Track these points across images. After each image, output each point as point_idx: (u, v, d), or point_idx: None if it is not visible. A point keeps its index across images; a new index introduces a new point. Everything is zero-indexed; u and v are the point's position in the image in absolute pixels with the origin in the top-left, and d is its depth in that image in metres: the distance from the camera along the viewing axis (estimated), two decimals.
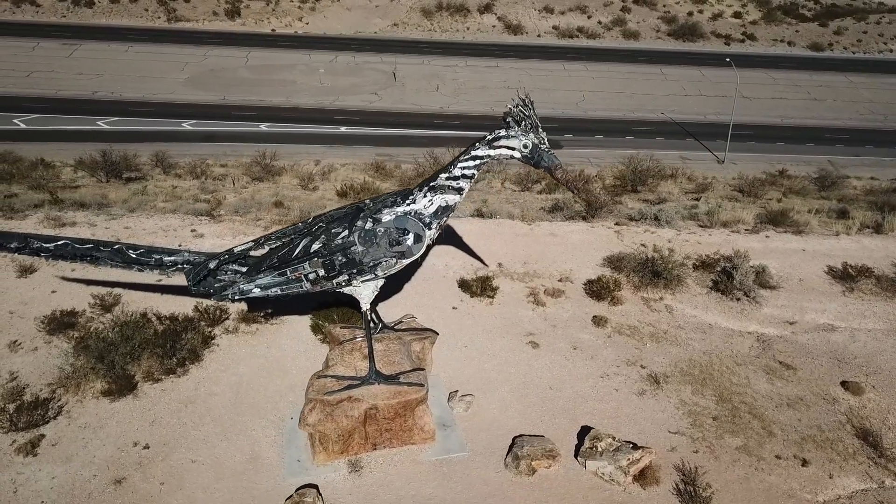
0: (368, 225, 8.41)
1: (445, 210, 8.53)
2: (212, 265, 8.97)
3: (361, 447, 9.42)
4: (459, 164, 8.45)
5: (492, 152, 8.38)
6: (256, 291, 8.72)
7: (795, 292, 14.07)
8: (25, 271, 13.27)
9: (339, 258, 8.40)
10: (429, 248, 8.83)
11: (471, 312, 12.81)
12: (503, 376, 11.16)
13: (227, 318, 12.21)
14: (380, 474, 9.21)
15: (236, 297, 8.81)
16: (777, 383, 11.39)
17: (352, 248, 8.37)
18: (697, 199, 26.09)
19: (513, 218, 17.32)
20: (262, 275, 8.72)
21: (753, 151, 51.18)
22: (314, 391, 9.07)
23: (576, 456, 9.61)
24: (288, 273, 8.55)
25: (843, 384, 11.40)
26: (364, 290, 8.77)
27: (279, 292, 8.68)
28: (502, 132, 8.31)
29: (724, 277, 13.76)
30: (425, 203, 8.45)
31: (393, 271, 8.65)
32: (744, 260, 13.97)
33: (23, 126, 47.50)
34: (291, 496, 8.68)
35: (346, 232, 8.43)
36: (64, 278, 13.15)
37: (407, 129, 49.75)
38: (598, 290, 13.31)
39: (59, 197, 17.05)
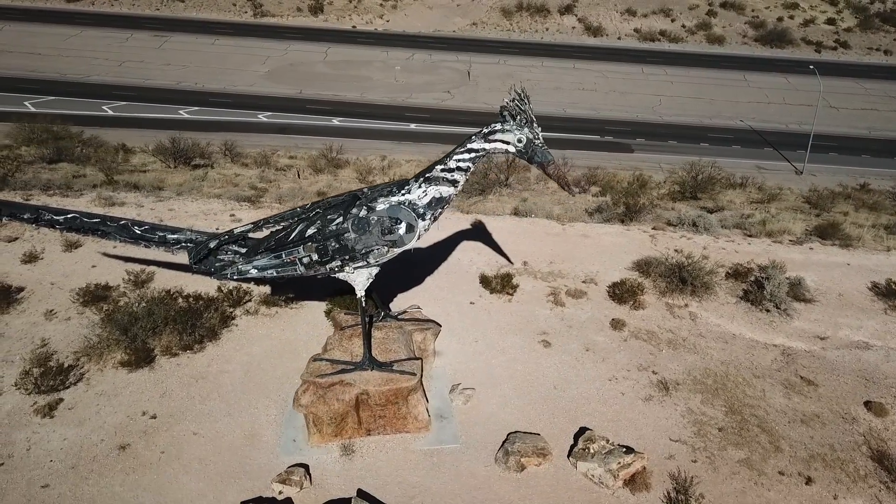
0: (363, 213, 8.57)
1: (440, 202, 8.61)
2: (212, 245, 9.33)
3: (355, 432, 9.60)
4: (455, 157, 8.53)
5: (487, 146, 8.43)
6: (253, 272, 9.02)
7: (832, 307, 13.51)
8: (71, 246, 14.02)
9: (333, 244, 8.60)
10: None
11: (488, 308, 12.83)
12: (508, 373, 11.15)
13: (249, 301, 12.61)
14: (370, 459, 9.36)
15: (234, 277, 9.13)
16: (794, 398, 10.98)
17: (345, 235, 8.55)
18: (762, 210, 25.29)
19: (552, 218, 17.21)
20: (259, 256, 9.01)
21: (835, 163, 49.04)
22: (308, 373, 9.31)
23: (569, 456, 9.53)
24: (283, 256, 8.82)
25: (867, 404, 10.91)
26: (358, 278, 8.94)
27: (275, 274, 8.96)
28: (498, 126, 8.35)
29: (756, 288, 13.34)
30: (419, 193, 8.55)
31: (384, 260, 8.79)
32: (778, 271, 13.50)
33: (110, 113, 49.89)
34: (280, 473, 8.95)
35: (341, 219, 8.62)
36: (105, 254, 13.83)
37: (476, 128, 49.77)
38: (620, 293, 13.12)
39: (113, 178, 17.94)
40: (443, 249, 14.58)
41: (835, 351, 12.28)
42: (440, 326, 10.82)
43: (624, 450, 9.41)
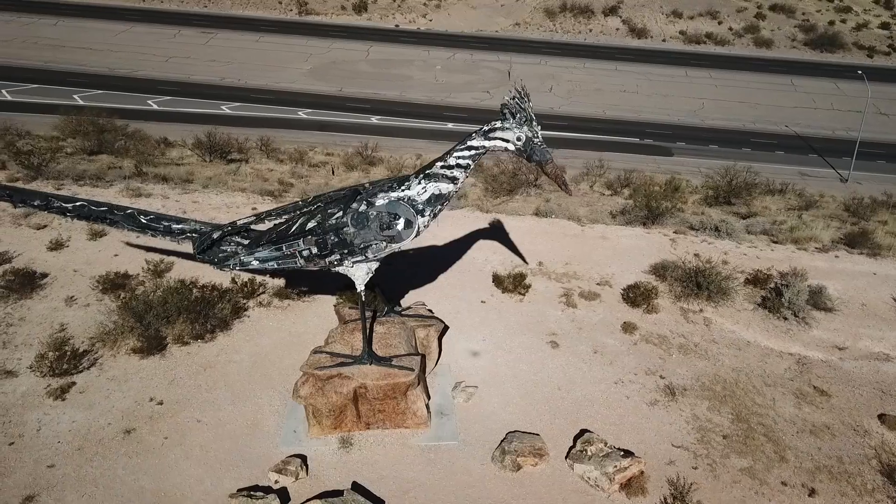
0: (362, 208, 8.64)
1: (439, 198, 8.63)
2: (215, 236, 9.50)
3: (355, 425, 9.68)
4: (455, 154, 8.54)
5: (487, 143, 8.43)
6: (255, 263, 9.16)
7: (854, 317, 13.18)
8: (96, 235, 14.39)
9: (332, 238, 8.69)
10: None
11: (498, 308, 12.81)
12: (513, 372, 11.12)
13: (263, 293, 12.79)
14: (367, 453, 9.44)
15: (236, 268, 9.28)
16: (805, 409, 10.75)
17: (344, 229, 8.63)
18: (795, 216, 24.75)
19: (574, 219, 17.09)
20: (260, 248, 9.15)
21: (883, 171, 47.74)
22: (307, 365, 9.41)
23: (567, 458, 9.48)
24: (284, 248, 8.94)
25: (881, 417, 10.63)
26: (357, 272, 9.01)
27: (275, 266, 9.09)
28: (498, 123, 8.35)
29: (774, 295, 13.07)
30: (419, 190, 8.59)
31: (383, 255, 8.85)
32: (799, 278, 13.22)
33: (155, 107, 51.00)
34: (277, 463, 9.08)
35: (341, 213, 8.70)
36: (128, 244, 14.16)
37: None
38: (634, 296, 12.98)
39: (142, 170, 18.34)
40: (459, 247, 14.60)
41: (852, 362, 11.97)
42: (443, 323, 10.84)
43: (622, 453, 9.33)
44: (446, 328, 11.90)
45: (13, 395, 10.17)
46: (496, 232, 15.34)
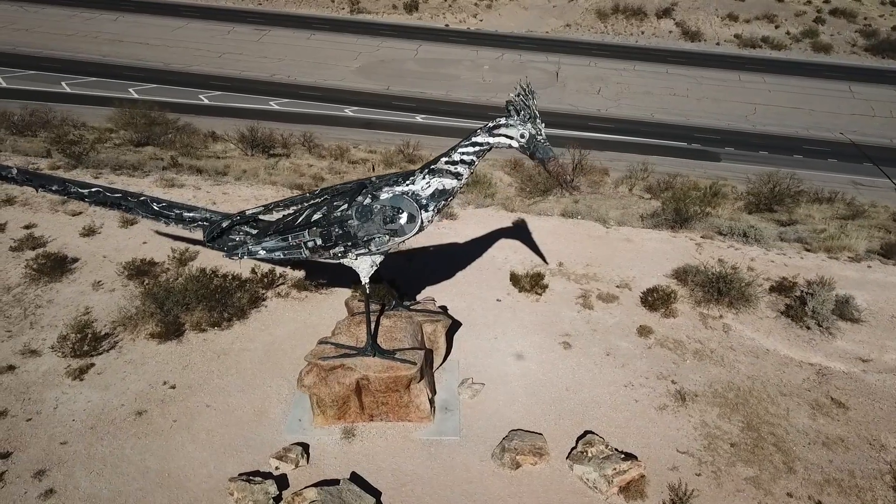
0: (367, 201, 8.73)
1: (443, 194, 8.67)
2: (224, 225, 9.71)
3: (358, 416, 9.79)
4: (459, 150, 8.57)
5: (491, 140, 8.43)
6: (262, 253, 9.34)
7: (883, 329, 12.77)
8: (127, 223, 14.81)
9: (336, 230, 8.80)
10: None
11: (513, 307, 12.78)
12: (521, 371, 11.09)
13: (283, 284, 13.00)
14: (369, 444, 9.53)
15: (244, 256, 9.47)
16: (820, 420, 10.47)
17: (348, 222, 8.74)
18: (840, 225, 24.07)
19: (600, 221, 16.93)
20: (268, 238, 9.32)
21: None
22: (312, 354, 9.55)
23: (567, 459, 9.42)
24: (290, 239, 9.09)
25: None
26: (361, 265, 9.11)
27: (282, 256, 9.24)
28: (502, 120, 8.34)
29: (798, 303, 12.76)
30: (423, 185, 8.64)
31: (385, 248, 8.92)
32: (826, 287, 12.87)
33: (206, 101, 52.11)
34: (279, 450, 9.24)
35: (346, 206, 8.81)
36: (157, 232, 14.53)
37: (557, 130, 49.22)
38: (652, 300, 12.80)
39: (178, 161, 18.80)
40: (479, 246, 14.60)
41: (876, 374, 11.62)
42: (451, 319, 10.86)
43: (622, 456, 9.23)
44: (457, 324, 11.96)
45: (35, 374, 10.55)
46: (519, 231, 15.30)
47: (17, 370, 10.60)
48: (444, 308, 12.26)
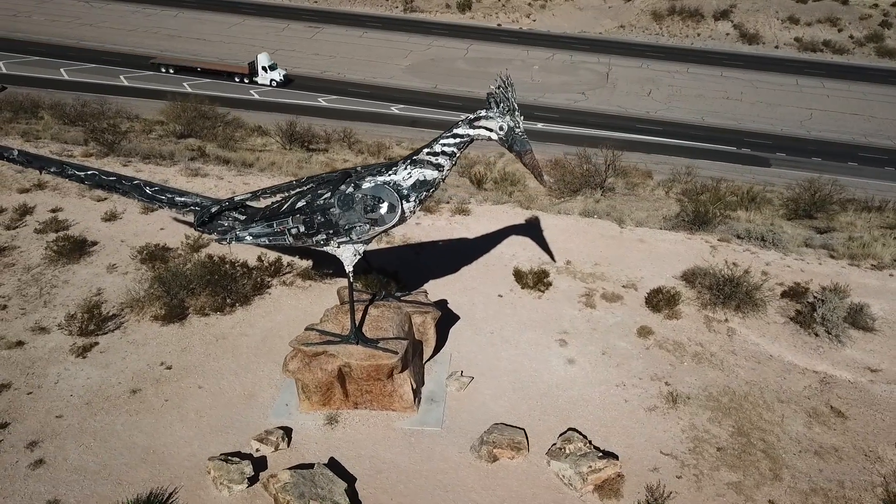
0: (349, 190, 8.85)
1: (424, 184, 8.74)
2: (213, 210, 9.95)
3: (343, 403, 9.93)
4: (441, 142, 8.63)
5: (472, 132, 8.49)
6: (249, 239, 9.54)
7: (895, 339, 12.35)
8: (148, 209, 15.25)
9: (318, 217, 8.94)
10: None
11: (514, 303, 12.75)
12: (513, 366, 11.07)
13: (290, 272, 13.23)
14: (351, 431, 9.66)
15: (233, 241, 9.69)
16: (816, 429, 10.19)
17: (330, 210, 8.87)
18: (882, 234, 23.25)
19: (616, 221, 16.70)
20: (255, 224, 9.52)
21: None
22: (297, 340, 9.71)
23: (546, 455, 9.38)
24: (274, 225, 9.27)
25: None
26: (344, 253, 9.24)
27: (267, 242, 9.43)
28: (483, 112, 8.38)
29: (808, 309, 12.42)
30: (405, 175, 8.72)
31: (366, 237, 9.02)
32: (838, 294, 12.49)
33: (256, 97, 53.23)
34: (261, 433, 9.43)
35: (329, 194, 8.94)
36: (175, 219, 14.93)
37: (603, 131, 48.88)
38: (656, 301, 12.62)
39: (205, 151, 19.28)
40: (489, 242, 14.60)
41: (883, 385, 11.23)
42: (439, 311, 10.89)
43: (600, 454, 9.16)
44: (454, 318, 12.00)
45: (42, 350, 10.98)
46: (530, 229, 15.25)
47: (25, 346, 11.05)
48: (443, 301, 12.33)
